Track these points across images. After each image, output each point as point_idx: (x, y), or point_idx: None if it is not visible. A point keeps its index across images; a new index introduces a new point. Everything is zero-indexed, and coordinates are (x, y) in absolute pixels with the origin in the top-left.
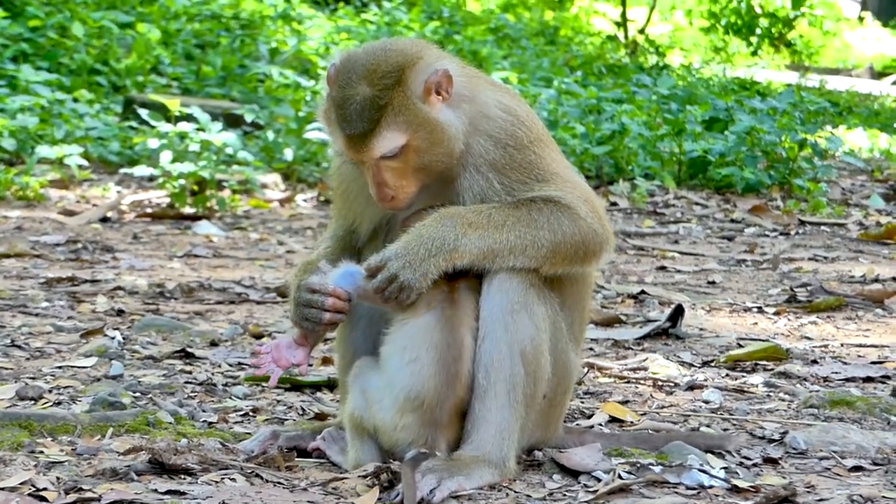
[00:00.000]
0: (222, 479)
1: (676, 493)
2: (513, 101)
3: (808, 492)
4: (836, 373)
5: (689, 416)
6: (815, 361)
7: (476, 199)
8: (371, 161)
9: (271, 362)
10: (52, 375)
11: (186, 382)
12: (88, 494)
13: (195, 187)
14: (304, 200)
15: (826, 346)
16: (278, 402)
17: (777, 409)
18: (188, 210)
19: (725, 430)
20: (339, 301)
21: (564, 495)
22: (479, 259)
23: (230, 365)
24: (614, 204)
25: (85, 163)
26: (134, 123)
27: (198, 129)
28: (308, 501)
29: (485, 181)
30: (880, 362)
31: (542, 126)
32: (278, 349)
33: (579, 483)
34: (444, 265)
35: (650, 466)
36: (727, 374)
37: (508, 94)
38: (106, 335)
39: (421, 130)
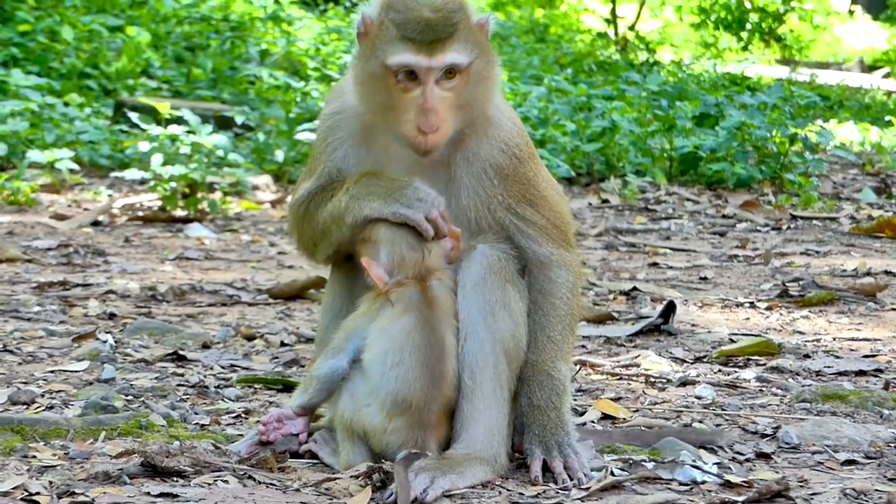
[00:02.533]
0: (215, 481)
1: (669, 489)
2: (510, 109)
3: (801, 486)
4: (829, 367)
5: (681, 411)
6: (807, 356)
7: (476, 201)
8: (438, 68)
9: (275, 430)
10: (44, 380)
11: (179, 385)
12: (81, 498)
13: (186, 190)
14: (290, 210)
15: (818, 341)
16: (271, 403)
17: (769, 404)
18: (179, 213)
19: (718, 425)
20: (443, 220)
21: (557, 492)
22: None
23: (222, 367)
24: (605, 201)
25: (76, 167)
26: (124, 127)
27: (188, 132)
28: (301, 502)
29: (491, 187)
30: (872, 356)
31: (528, 138)
32: (280, 419)
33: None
34: (570, 404)
35: (643, 463)
36: (719, 370)
37: (509, 106)
38: (98, 339)
39: (480, 58)
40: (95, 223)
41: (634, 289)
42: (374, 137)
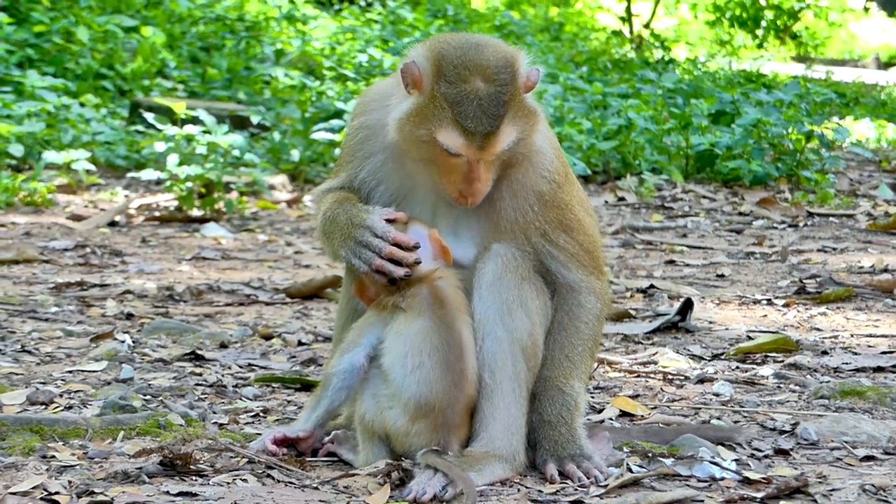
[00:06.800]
0: (234, 479)
1: (688, 485)
2: (551, 132)
3: (820, 482)
4: (847, 363)
5: (699, 408)
6: (825, 352)
7: (515, 227)
8: (486, 158)
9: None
10: (62, 380)
11: (196, 384)
12: (100, 497)
13: (202, 190)
14: (310, 202)
15: (836, 337)
16: (289, 402)
17: (788, 401)
18: (196, 213)
19: (736, 422)
20: (400, 252)
21: (575, 490)
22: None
23: (240, 366)
24: (622, 199)
25: (92, 167)
26: (140, 127)
27: (204, 132)
28: (320, 500)
29: (531, 213)
30: (890, 352)
31: (563, 155)
32: (285, 441)
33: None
34: (583, 420)
35: (661, 459)
36: (737, 367)
37: (546, 124)
38: (116, 339)
39: (525, 124)
40: (112, 223)
41: (651, 286)
42: (405, 157)
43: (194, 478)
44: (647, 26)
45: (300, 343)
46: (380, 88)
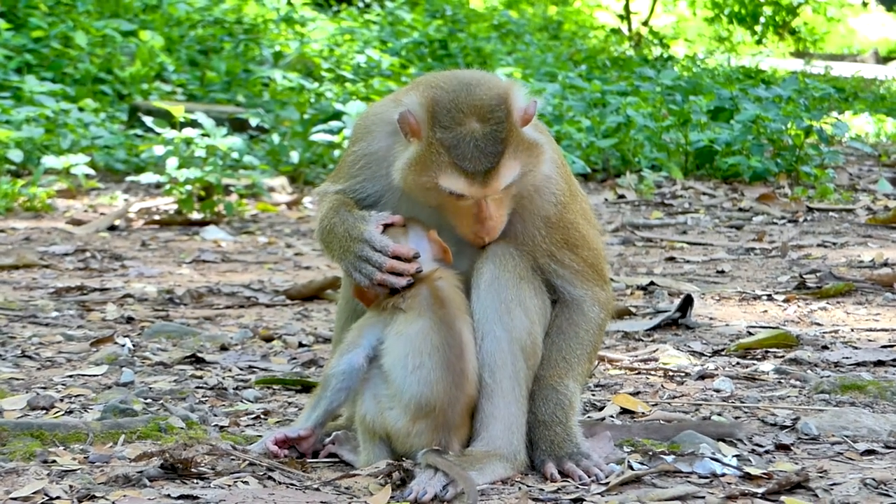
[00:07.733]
0: (235, 482)
1: (689, 482)
2: (554, 148)
3: (821, 477)
4: (847, 358)
5: (700, 405)
6: (825, 347)
7: (522, 250)
8: (490, 195)
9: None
10: (63, 384)
11: (197, 387)
12: (101, 502)
13: (202, 193)
14: (312, 203)
15: (836, 332)
16: (289, 404)
17: (788, 396)
18: (196, 216)
19: (737, 418)
20: (401, 264)
21: (577, 487)
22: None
23: (241, 369)
24: (621, 196)
25: (91, 172)
26: (139, 131)
27: (203, 135)
28: (321, 501)
29: (538, 236)
30: (890, 346)
31: (568, 168)
32: (286, 442)
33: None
34: (578, 419)
35: (662, 456)
36: (738, 363)
37: (550, 139)
38: (116, 343)
39: (528, 157)
40: (112, 228)
41: (652, 283)
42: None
43: (195, 481)
44: (645, 24)
45: (301, 344)
46: (380, 111)
